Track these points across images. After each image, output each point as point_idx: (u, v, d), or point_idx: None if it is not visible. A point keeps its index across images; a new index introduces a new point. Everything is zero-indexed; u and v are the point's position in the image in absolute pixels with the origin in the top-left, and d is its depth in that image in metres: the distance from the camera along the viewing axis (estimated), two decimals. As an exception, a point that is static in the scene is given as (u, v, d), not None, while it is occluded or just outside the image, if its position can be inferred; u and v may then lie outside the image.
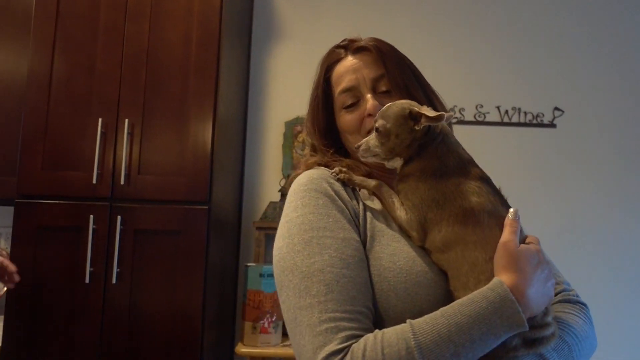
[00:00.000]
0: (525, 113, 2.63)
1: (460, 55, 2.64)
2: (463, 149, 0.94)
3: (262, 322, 2.08)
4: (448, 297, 0.82)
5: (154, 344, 1.85)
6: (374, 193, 0.95)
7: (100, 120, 1.90)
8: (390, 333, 0.74)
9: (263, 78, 2.65)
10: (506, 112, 2.63)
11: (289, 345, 2.11)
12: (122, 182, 1.88)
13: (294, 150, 2.59)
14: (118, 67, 1.95)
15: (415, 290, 0.83)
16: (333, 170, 0.95)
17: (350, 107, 1.03)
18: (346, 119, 1.04)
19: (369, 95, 1.02)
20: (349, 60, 1.05)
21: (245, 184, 2.58)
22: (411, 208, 0.88)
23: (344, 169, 0.95)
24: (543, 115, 2.63)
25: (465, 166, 0.90)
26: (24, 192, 1.90)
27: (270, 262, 2.34)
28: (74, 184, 1.89)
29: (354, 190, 0.96)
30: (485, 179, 0.89)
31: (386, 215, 0.93)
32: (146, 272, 1.87)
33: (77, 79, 1.95)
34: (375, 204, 0.95)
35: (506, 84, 2.65)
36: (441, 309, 0.76)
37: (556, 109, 2.63)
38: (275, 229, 2.46)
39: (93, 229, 1.85)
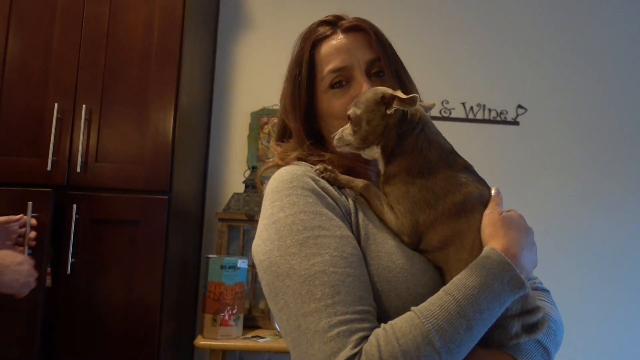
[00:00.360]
0: (490, 110, 2.66)
1: (427, 51, 2.64)
2: (443, 137, 0.91)
3: (222, 314, 2.04)
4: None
5: (110, 336, 1.80)
6: (360, 194, 0.89)
7: (56, 105, 1.83)
8: (400, 323, 0.71)
9: (229, 67, 2.61)
10: (471, 108, 2.65)
11: (250, 338, 2.09)
12: (78, 170, 1.82)
13: (259, 142, 2.55)
14: (76, 50, 1.89)
15: (417, 289, 0.80)
16: (316, 168, 0.89)
17: (338, 89, 0.96)
18: (333, 103, 0.96)
19: (362, 78, 0.95)
20: (340, 39, 0.97)
21: (209, 175, 2.53)
22: (402, 213, 0.84)
23: (329, 167, 0.89)
24: (507, 112, 2.66)
25: (448, 157, 0.88)
26: (-27, 178, 1.82)
27: (234, 254, 2.33)
28: (27, 171, 1.82)
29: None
30: (469, 169, 0.88)
31: None
32: (103, 263, 1.81)
33: (32, 61, 1.87)
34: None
35: (472, 80, 2.67)
36: (442, 289, 0.75)
37: (519, 106, 2.67)
38: (239, 220, 2.43)
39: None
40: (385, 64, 0.97)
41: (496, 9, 2.71)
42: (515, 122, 2.66)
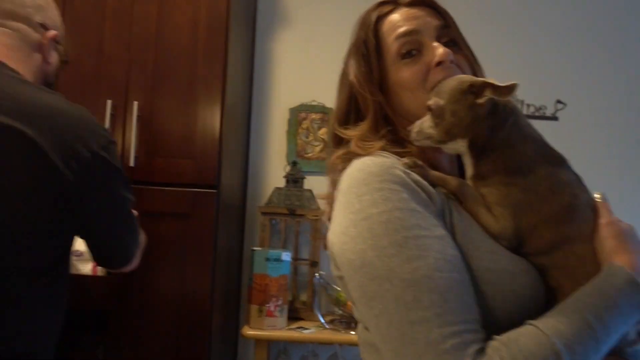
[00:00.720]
0: (529, 105, 2.65)
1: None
2: (534, 127, 0.85)
3: (268, 305, 2.09)
4: (548, 295, 0.77)
5: (163, 326, 1.86)
6: (453, 193, 0.82)
7: (109, 102, 1.90)
8: (523, 340, 0.66)
9: (268, 64, 2.65)
10: (509, 101, 2.65)
11: (294, 329, 2.13)
12: (131, 164, 1.88)
13: (298, 137, 2.59)
14: (126, 49, 1.95)
15: (522, 292, 0.75)
16: (404, 162, 0.81)
17: (409, 58, 0.89)
18: (404, 73, 0.89)
19: (435, 43, 0.88)
20: (405, 10, 0.92)
21: (250, 170, 2.59)
22: (504, 216, 0.77)
23: (419, 162, 0.81)
24: (546, 107, 2.65)
25: (544, 151, 0.82)
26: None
27: (274, 247, 2.37)
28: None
29: None
30: (565, 162, 0.83)
31: None
32: (155, 255, 1.87)
33: (85, 60, 1.94)
34: None
35: (509, 75, 2.64)
36: (564, 305, 0.71)
37: (558, 101, 2.65)
38: (280, 214, 2.46)
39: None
40: (457, 32, 0.92)
41: (534, 3, 2.70)
42: (554, 118, 2.65)
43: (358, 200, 0.77)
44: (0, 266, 1.05)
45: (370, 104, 0.91)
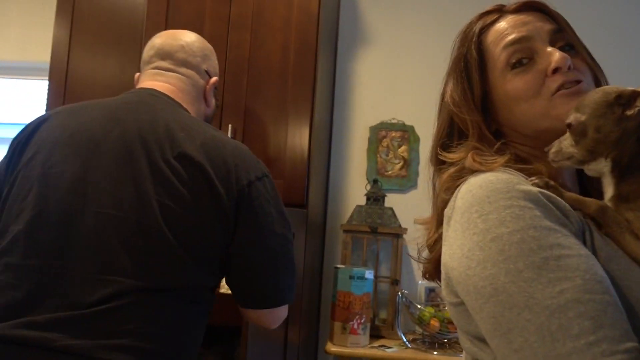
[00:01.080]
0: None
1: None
2: None
3: (351, 323, 2.13)
4: None
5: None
6: (592, 218, 0.73)
7: (205, 125, 2.01)
8: None
9: (348, 83, 2.71)
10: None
11: (377, 347, 2.15)
12: (225, 184, 1.97)
13: (378, 155, 2.63)
14: (222, 74, 2.05)
15: None
16: (533, 182, 0.73)
17: (520, 67, 0.82)
18: (517, 83, 0.81)
19: (549, 48, 0.80)
20: (511, 18, 0.85)
21: (330, 188, 2.64)
22: None
23: (551, 182, 0.73)
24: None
25: None
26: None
27: (355, 264, 2.40)
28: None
29: None
30: None
31: None
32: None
33: (184, 85, 2.06)
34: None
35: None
36: None
37: None
38: (362, 232, 2.47)
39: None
40: (572, 35, 0.84)
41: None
42: None
43: (482, 219, 0.69)
44: (172, 284, 1.12)
45: (469, 124, 0.85)
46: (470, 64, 0.86)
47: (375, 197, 2.44)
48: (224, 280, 1.29)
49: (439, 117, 0.93)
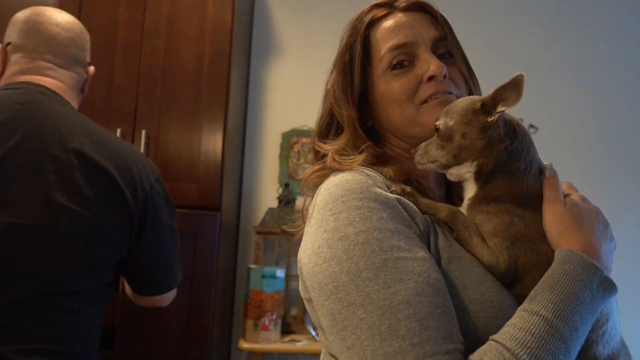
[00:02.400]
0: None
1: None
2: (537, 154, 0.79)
3: (263, 320, 2.24)
4: None
5: (169, 338, 1.99)
6: (444, 222, 0.75)
7: (119, 130, 2.04)
8: (487, 359, 0.61)
9: (261, 91, 2.82)
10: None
11: (287, 342, 2.28)
12: (138, 189, 2.02)
13: (290, 160, 2.76)
14: (135, 81, 2.10)
15: None
16: (393, 190, 0.75)
17: (399, 69, 0.83)
18: (393, 85, 0.83)
19: (429, 55, 0.82)
20: (400, 17, 0.86)
21: (243, 191, 2.74)
22: (499, 249, 0.71)
23: (407, 189, 0.75)
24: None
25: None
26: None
27: (267, 264, 2.52)
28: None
29: None
30: None
31: None
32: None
33: (96, 91, 2.07)
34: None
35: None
36: (523, 308, 0.65)
37: (531, 126, 2.88)
38: (274, 234, 2.60)
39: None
40: (453, 44, 0.86)
41: (503, 33, 2.93)
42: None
43: (334, 218, 0.71)
44: (74, 286, 1.18)
45: (345, 118, 0.86)
46: (355, 58, 0.86)
47: (286, 200, 2.57)
48: None
49: (322, 106, 0.93)
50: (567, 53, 2.95)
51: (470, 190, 0.78)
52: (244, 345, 2.22)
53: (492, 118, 0.73)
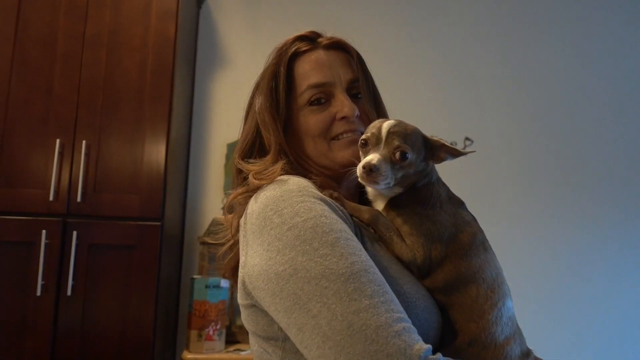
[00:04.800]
0: (441, 141, 2.98)
1: (380, 84, 2.95)
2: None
3: (207, 330, 2.24)
4: (447, 325, 0.81)
5: (108, 350, 1.97)
6: (367, 224, 0.85)
7: (58, 140, 2.01)
8: None
9: (206, 102, 2.83)
10: (425, 140, 2.97)
11: (232, 352, 2.29)
12: (78, 200, 1.99)
13: (235, 170, 2.78)
14: (75, 91, 2.07)
15: (425, 316, 0.77)
16: (323, 194, 0.81)
17: (317, 105, 0.92)
18: (310, 120, 0.92)
19: (344, 96, 0.92)
20: (321, 54, 0.95)
21: (188, 202, 2.74)
22: (416, 245, 0.81)
23: (335, 194, 0.83)
24: (456, 143, 3.00)
25: (449, 194, 0.90)
26: (-23, 208, 1.97)
27: (212, 274, 2.52)
28: (30, 201, 1.98)
29: None
30: (464, 204, 0.90)
31: None
32: (100, 285, 1.99)
33: (35, 101, 2.05)
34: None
35: (425, 114, 3.00)
36: None
37: (467, 138, 3.02)
38: (219, 244, 2.61)
39: (46, 244, 1.94)
40: (364, 86, 0.95)
41: (446, 47, 3.07)
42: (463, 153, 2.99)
43: (278, 214, 0.75)
44: None
45: (272, 143, 0.91)
46: (280, 86, 0.93)
47: (231, 211, 2.58)
48: None
49: (245, 124, 0.98)
50: (500, 68, 3.11)
51: (381, 203, 0.88)
52: (188, 356, 2.22)
53: (439, 160, 0.87)
